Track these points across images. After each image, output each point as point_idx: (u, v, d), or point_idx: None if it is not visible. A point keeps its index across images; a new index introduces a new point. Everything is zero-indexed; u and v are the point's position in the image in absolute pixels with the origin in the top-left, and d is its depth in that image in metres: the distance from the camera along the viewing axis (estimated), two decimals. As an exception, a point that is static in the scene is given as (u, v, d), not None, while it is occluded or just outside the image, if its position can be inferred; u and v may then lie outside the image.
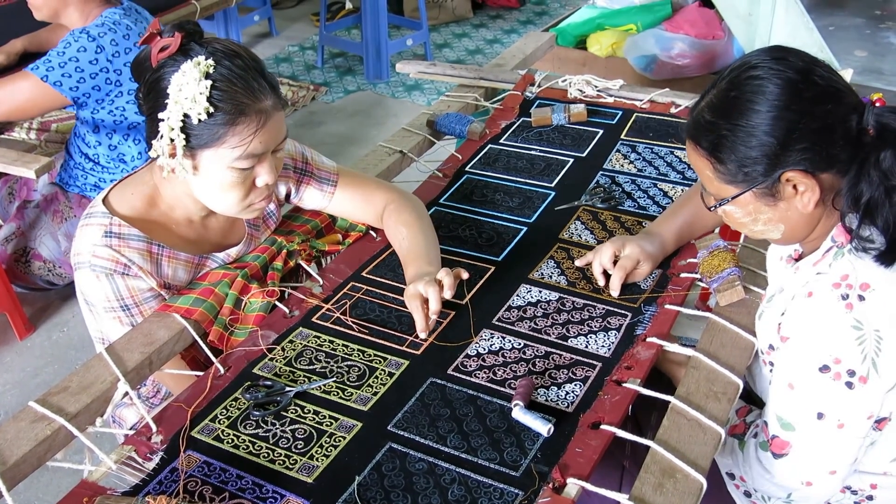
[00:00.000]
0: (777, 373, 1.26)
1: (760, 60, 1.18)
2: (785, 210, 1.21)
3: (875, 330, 1.13)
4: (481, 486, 1.16)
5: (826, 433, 1.19)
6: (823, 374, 1.16)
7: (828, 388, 1.16)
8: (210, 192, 1.43)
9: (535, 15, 5.82)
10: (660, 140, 2.07)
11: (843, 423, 1.17)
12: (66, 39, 2.36)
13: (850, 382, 1.14)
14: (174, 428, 1.28)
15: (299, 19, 5.77)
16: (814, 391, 1.18)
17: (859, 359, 1.13)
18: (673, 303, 1.51)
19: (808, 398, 1.19)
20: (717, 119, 1.20)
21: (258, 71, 1.38)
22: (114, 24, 2.40)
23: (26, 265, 2.70)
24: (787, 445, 1.24)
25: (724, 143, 1.19)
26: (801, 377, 1.19)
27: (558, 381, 1.35)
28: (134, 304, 1.47)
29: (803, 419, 1.20)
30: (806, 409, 1.20)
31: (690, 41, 3.41)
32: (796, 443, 1.23)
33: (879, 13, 3.25)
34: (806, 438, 1.21)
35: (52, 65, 2.34)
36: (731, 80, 1.20)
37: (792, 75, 1.15)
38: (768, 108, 1.15)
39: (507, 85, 2.37)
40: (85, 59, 2.35)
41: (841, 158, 1.16)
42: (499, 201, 1.87)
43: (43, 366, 2.72)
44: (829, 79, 1.16)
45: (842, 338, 1.14)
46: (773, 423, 1.25)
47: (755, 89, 1.16)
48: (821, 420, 1.18)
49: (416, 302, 1.44)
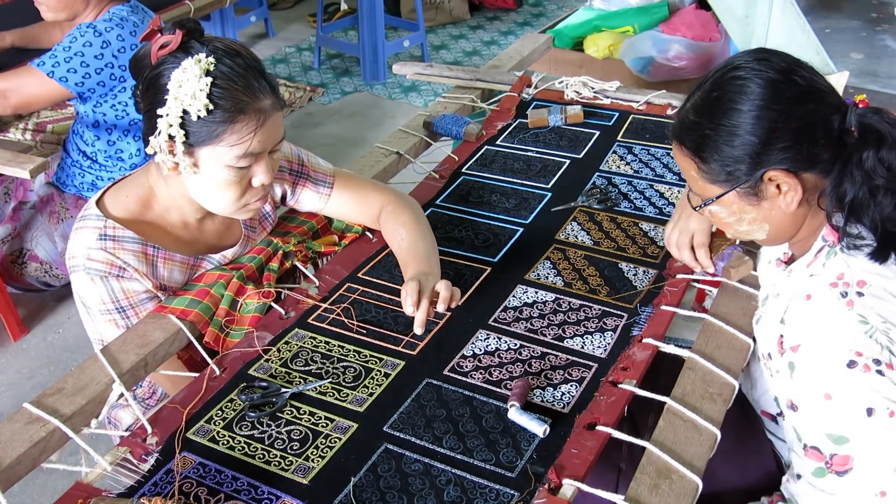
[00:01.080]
0: (804, 391, 1.19)
1: (743, 61, 1.19)
2: (769, 210, 1.21)
3: (882, 321, 1.12)
4: (477, 487, 1.16)
5: (881, 428, 1.12)
6: (853, 370, 1.12)
7: (863, 380, 1.12)
8: (206, 191, 1.43)
9: (532, 17, 5.83)
10: (656, 141, 2.07)
11: (893, 410, 1.11)
12: (73, 34, 2.37)
13: (880, 371, 1.11)
14: (169, 429, 1.28)
15: (296, 20, 5.76)
16: (852, 390, 1.13)
17: (877, 348, 1.11)
18: (669, 304, 1.51)
19: (850, 399, 1.13)
20: (701, 119, 1.20)
21: (258, 70, 1.38)
22: (121, 19, 2.40)
23: (22, 266, 2.69)
24: (850, 459, 1.15)
25: (707, 143, 1.20)
26: (834, 382, 1.14)
27: (554, 381, 1.35)
28: (129, 306, 1.46)
29: (855, 423, 1.13)
30: (852, 411, 1.13)
31: (687, 43, 3.41)
32: (857, 452, 1.14)
33: (875, 16, 3.26)
34: (864, 443, 1.13)
35: (57, 60, 2.35)
36: (714, 80, 1.21)
37: (773, 75, 1.15)
38: (750, 107, 1.15)
39: (504, 86, 2.37)
40: (90, 54, 2.36)
41: (823, 158, 1.16)
42: (495, 202, 1.87)
43: (38, 367, 2.71)
44: (810, 79, 1.17)
45: (853, 332, 1.13)
46: (824, 444, 1.16)
47: (737, 89, 1.17)
48: (872, 416, 1.12)
49: (415, 294, 1.42)
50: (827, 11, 3.30)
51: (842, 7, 3.35)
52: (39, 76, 2.36)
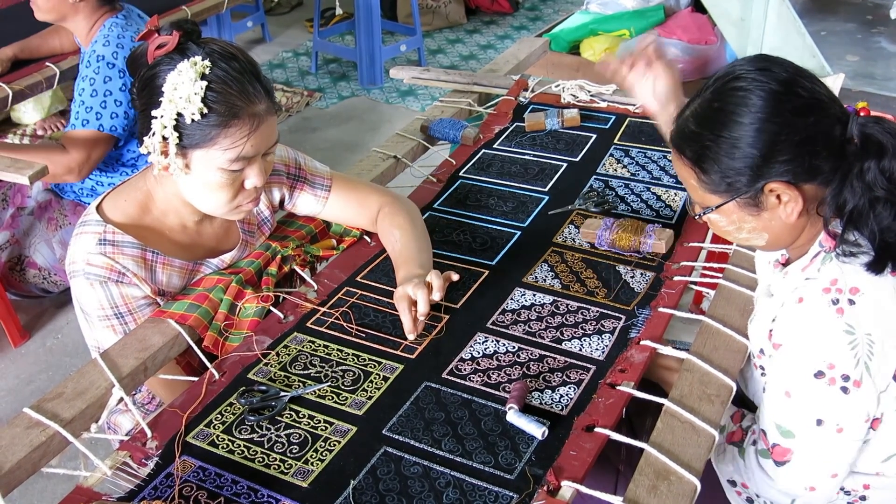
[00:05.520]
0: (772, 381, 1.26)
1: (745, 71, 1.18)
2: (769, 220, 1.22)
3: (867, 334, 1.14)
4: (476, 490, 1.16)
5: (826, 439, 1.19)
6: (819, 381, 1.16)
7: (824, 394, 1.16)
8: (198, 192, 1.43)
9: (529, 20, 5.84)
10: (653, 144, 2.07)
11: (842, 428, 1.18)
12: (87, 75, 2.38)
13: (845, 387, 1.15)
14: (169, 433, 1.28)
15: (293, 25, 5.77)
16: (811, 398, 1.18)
17: (853, 363, 1.14)
18: (666, 306, 1.51)
19: (806, 405, 1.19)
20: (702, 130, 1.20)
21: (254, 74, 1.39)
22: (118, 38, 2.39)
23: (21, 273, 2.69)
24: (789, 452, 1.24)
25: (707, 154, 1.20)
26: (798, 384, 1.19)
27: (552, 384, 1.35)
28: (128, 312, 1.47)
29: (802, 426, 1.20)
30: (804, 416, 1.20)
31: (683, 46, 3.42)
32: (797, 449, 1.23)
33: (871, 18, 3.26)
34: (807, 445, 1.22)
35: (98, 112, 2.38)
36: (715, 89, 1.21)
37: (775, 86, 1.15)
38: (751, 120, 1.15)
39: (501, 90, 2.38)
40: (116, 88, 2.40)
41: (824, 170, 1.16)
42: (493, 206, 1.87)
43: (37, 373, 2.71)
44: (812, 90, 1.16)
45: (834, 343, 1.15)
46: (772, 432, 1.25)
47: (739, 101, 1.17)
48: (820, 426, 1.18)
49: (404, 303, 1.45)
50: (822, 14, 3.31)
51: (837, 9, 3.36)
52: (95, 135, 2.40)
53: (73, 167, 2.40)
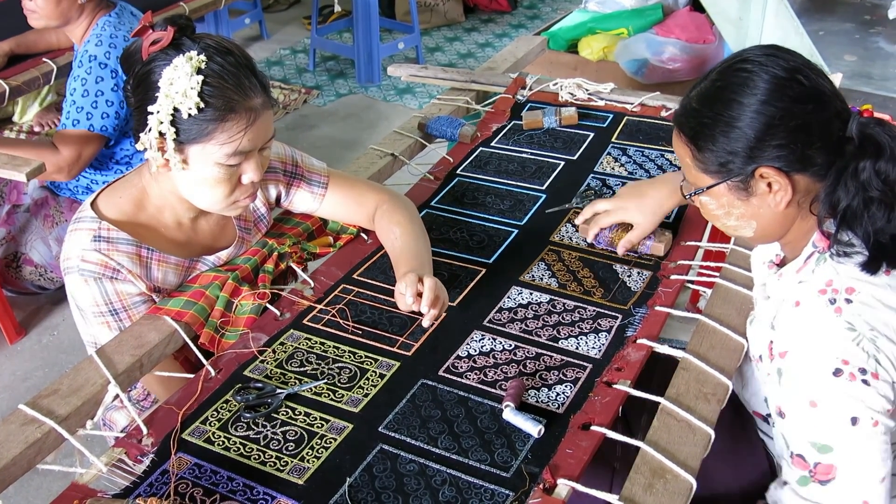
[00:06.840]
0: (791, 399, 1.19)
1: (753, 55, 1.19)
2: (757, 207, 1.22)
3: (869, 330, 1.13)
4: (472, 487, 1.16)
5: (865, 437, 1.13)
6: (838, 378, 1.12)
7: (849, 390, 1.12)
8: (195, 188, 1.43)
9: (527, 19, 5.84)
10: (650, 143, 2.07)
11: (877, 420, 1.12)
12: (79, 74, 2.38)
13: (865, 380, 1.11)
14: (165, 430, 1.28)
15: (290, 22, 5.76)
16: (838, 398, 1.13)
17: (864, 357, 1.12)
18: (663, 305, 1.51)
19: (836, 408, 1.13)
20: (702, 107, 1.21)
21: (249, 69, 1.38)
22: (111, 37, 2.39)
23: (17, 270, 2.69)
24: (832, 469, 1.15)
25: (704, 132, 1.20)
26: (820, 390, 1.14)
27: (549, 382, 1.35)
28: (122, 309, 1.46)
29: (839, 432, 1.14)
30: (838, 419, 1.13)
31: (681, 45, 3.43)
32: (840, 462, 1.15)
33: (869, 18, 3.27)
34: (848, 453, 1.14)
35: (88, 112, 2.39)
36: (721, 70, 1.21)
37: (779, 72, 1.15)
38: (751, 101, 1.16)
39: (499, 88, 2.38)
40: (107, 88, 2.40)
41: (817, 161, 1.16)
42: (490, 204, 1.87)
43: (33, 369, 2.71)
44: (815, 81, 1.16)
45: (841, 340, 1.13)
46: (809, 452, 1.17)
47: (742, 81, 1.17)
48: (856, 425, 1.13)
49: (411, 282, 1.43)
50: (820, 14, 3.31)
51: (835, 9, 3.36)
52: (86, 135, 2.40)
53: (63, 166, 2.39)
